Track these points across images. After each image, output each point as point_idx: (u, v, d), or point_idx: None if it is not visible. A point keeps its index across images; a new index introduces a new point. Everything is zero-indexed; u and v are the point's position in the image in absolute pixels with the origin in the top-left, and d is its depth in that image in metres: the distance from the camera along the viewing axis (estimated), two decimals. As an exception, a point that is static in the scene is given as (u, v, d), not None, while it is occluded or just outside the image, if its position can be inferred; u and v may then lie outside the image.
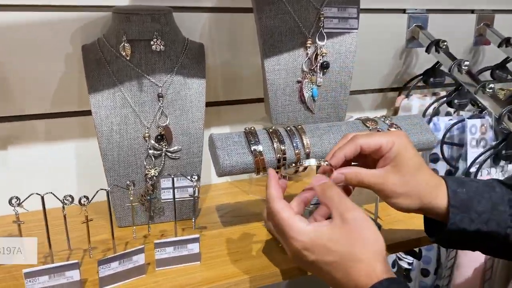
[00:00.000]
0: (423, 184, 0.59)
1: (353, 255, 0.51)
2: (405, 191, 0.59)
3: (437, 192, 0.60)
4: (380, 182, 0.59)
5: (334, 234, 0.52)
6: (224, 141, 0.71)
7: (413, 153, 0.60)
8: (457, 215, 0.58)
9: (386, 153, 0.60)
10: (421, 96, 1.20)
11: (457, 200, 0.59)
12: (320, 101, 0.89)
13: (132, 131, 0.81)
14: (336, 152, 0.62)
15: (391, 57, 1.22)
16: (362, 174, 0.60)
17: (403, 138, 0.61)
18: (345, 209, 0.53)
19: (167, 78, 0.82)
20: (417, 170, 0.60)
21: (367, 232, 0.52)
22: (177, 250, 0.69)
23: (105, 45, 0.82)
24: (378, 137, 0.61)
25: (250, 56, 1.03)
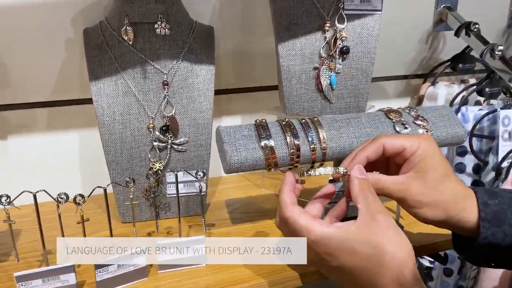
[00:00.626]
0: (449, 194, 0.53)
1: (381, 260, 0.46)
2: (429, 201, 0.53)
3: (466, 204, 0.54)
4: (402, 190, 0.53)
5: (361, 233, 0.47)
6: (232, 135, 0.65)
7: (440, 159, 0.54)
8: (488, 229, 0.52)
9: (410, 157, 0.54)
10: (448, 84, 1.12)
11: (489, 213, 0.53)
12: (338, 89, 0.82)
13: (136, 122, 0.76)
14: (358, 153, 0.56)
15: (417, 41, 1.13)
16: (382, 180, 0.54)
17: (430, 142, 0.55)
18: (377, 210, 0.49)
19: (173, 65, 0.76)
20: (444, 178, 0.53)
21: (396, 237, 0.47)
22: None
23: (107, 29, 0.76)
24: (403, 138, 0.56)
25: (264, 40, 0.96)
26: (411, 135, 0.58)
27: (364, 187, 0.51)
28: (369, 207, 0.49)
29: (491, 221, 0.52)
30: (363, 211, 0.49)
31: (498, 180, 0.93)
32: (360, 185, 0.51)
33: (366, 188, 0.51)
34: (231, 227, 0.78)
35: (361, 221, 0.48)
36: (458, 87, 1.10)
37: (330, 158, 0.68)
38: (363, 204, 0.49)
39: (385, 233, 0.47)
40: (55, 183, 0.90)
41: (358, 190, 0.51)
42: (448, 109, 0.77)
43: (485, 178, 0.99)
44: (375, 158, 0.56)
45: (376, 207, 0.49)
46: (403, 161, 0.55)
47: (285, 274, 0.63)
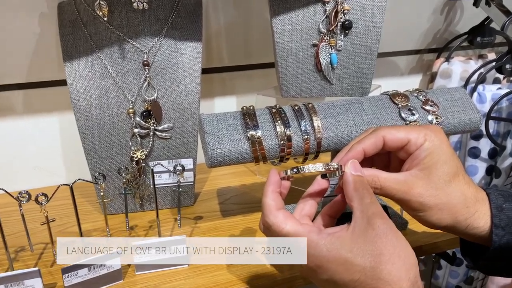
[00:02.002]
0: (458, 197, 0.46)
1: (378, 272, 0.39)
2: (435, 203, 0.46)
3: (476, 208, 0.47)
4: (404, 190, 0.46)
5: (356, 241, 0.40)
6: (215, 124, 0.58)
7: (449, 154, 0.46)
8: (502, 238, 0.45)
9: (415, 151, 0.47)
10: (464, 59, 1.02)
11: (503, 218, 0.46)
12: (340, 69, 0.74)
13: (114, 106, 0.69)
14: (354, 145, 0.48)
15: (430, 12, 1.03)
16: (382, 178, 0.46)
17: (438, 134, 0.47)
18: (374, 214, 0.41)
19: (154, 42, 0.69)
20: (453, 177, 0.46)
21: (396, 244, 0.40)
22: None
23: (81, 3, 0.69)
24: (407, 129, 0.47)
25: (260, 12, 0.87)
26: (416, 126, 0.50)
27: (360, 186, 0.44)
28: (365, 210, 0.42)
29: (505, 228, 0.46)
30: (358, 214, 0.42)
31: (516, 167, 0.85)
32: (354, 184, 0.44)
33: (362, 187, 0.44)
34: (220, 220, 0.72)
35: (355, 227, 0.41)
36: (475, 63, 1.00)
37: (326, 149, 0.61)
38: (358, 206, 0.43)
39: (383, 241, 0.40)
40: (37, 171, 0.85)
41: (352, 189, 0.44)
42: (461, 91, 0.68)
43: (501, 164, 0.91)
44: (374, 152, 0.49)
45: (373, 209, 0.42)
46: (407, 156, 0.48)
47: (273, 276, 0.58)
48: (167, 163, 0.68)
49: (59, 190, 0.58)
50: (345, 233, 0.41)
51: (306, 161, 0.62)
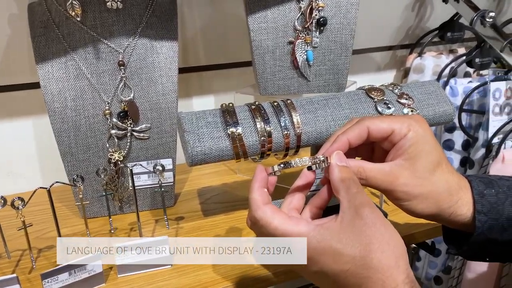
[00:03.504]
0: (442, 185, 0.47)
1: (368, 261, 0.39)
2: (420, 192, 0.46)
3: (460, 195, 0.47)
4: (390, 181, 0.46)
5: (344, 231, 0.40)
6: (194, 122, 0.58)
7: (433, 143, 0.47)
8: (485, 223, 0.46)
9: (399, 141, 0.47)
10: (436, 54, 1.05)
11: (485, 204, 0.47)
12: (316, 65, 0.75)
13: (90, 108, 0.68)
14: (338, 136, 0.48)
15: (402, 8, 1.05)
16: (367, 169, 0.47)
17: (421, 123, 0.48)
18: (361, 203, 0.41)
19: (129, 42, 0.68)
20: (437, 166, 0.47)
21: (385, 233, 0.40)
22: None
23: (52, 3, 0.67)
24: (390, 120, 0.48)
25: (236, 11, 0.87)
26: (400, 116, 0.50)
27: (346, 176, 0.44)
28: (352, 200, 0.42)
29: (487, 214, 0.47)
30: (345, 204, 0.42)
31: (488, 158, 0.88)
32: (340, 174, 0.44)
33: (348, 177, 0.44)
34: (202, 220, 0.71)
35: (344, 217, 0.41)
36: (447, 57, 1.03)
37: (306, 144, 0.61)
38: (345, 196, 0.43)
39: (372, 230, 0.40)
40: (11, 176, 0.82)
41: (338, 180, 0.44)
42: (435, 84, 0.70)
43: (474, 155, 0.93)
44: (359, 143, 0.49)
45: (360, 199, 0.42)
46: (391, 146, 0.48)
47: (257, 274, 0.58)
48: (145, 164, 0.68)
49: (35, 195, 0.56)
50: (334, 224, 0.41)
51: (287, 156, 0.62)
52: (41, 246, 0.65)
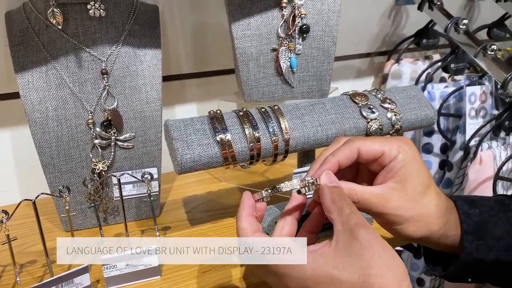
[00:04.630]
0: (432, 207, 0.46)
1: (368, 286, 0.37)
2: (411, 215, 0.45)
3: (448, 216, 0.47)
4: (381, 203, 0.45)
5: (340, 256, 0.38)
6: (183, 130, 0.57)
7: (422, 166, 0.47)
8: (472, 243, 0.46)
9: (389, 163, 0.46)
10: (412, 61, 1.07)
11: (471, 224, 0.47)
12: (300, 72, 0.76)
13: (73, 117, 0.67)
14: (328, 158, 0.46)
15: (379, 16, 1.08)
16: (358, 192, 0.45)
17: (410, 145, 0.47)
18: (356, 225, 0.39)
19: (112, 50, 0.67)
20: (426, 188, 0.46)
21: (383, 255, 0.38)
22: (131, 265, 0.57)
23: (32, 11, 0.66)
24: (380, 141, 0.47)
25: (217, 18, 0.88)
26: (388, 138, 0.49)
27: (337, 197, 0.42)
28: (346, 222, 0.39)
29: (474, 234, 0.47)
30: (339, 227, 0.39)
31: (466, 160, 0.90)
32: (331, 195, 0.42)
33: (340, 197, 0.42)
34: (189, 229, 0.71)
35: (338, 241, 0.39)
36: (423, 63, 1.06)
37: (294, 149, 0.62)
38: (338, 218, 0.40)
39: (370, 253, 0.37)
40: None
41: (330, 201, 0.41)
42: (416, 89, 0.72)
43: (453, 158, 0.96)
44: (348, 164, 0.47)
45: (355, 220, 0.39)
46: (379, 168, 0.47)
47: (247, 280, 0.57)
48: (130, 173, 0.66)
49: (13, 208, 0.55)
50: (328, 249, 0.39)
51: (275, 162, 0.63)
52: (23, 261, 0.62)
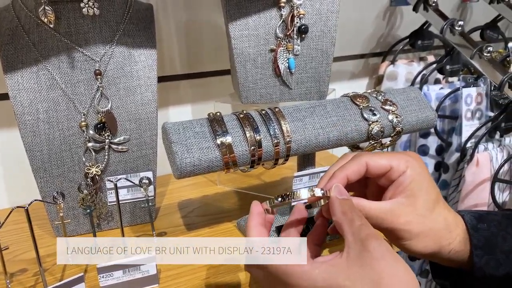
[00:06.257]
0: (441, 222, 0.46)
1: None
2: (421, 230, 0.45)
3: (457, 231, 0.47)
4: (391, 219, 0.44)
5: (352, 267, 0.37)
6: (182, 133, 0.55)
7: (430, 180, 0.46)
8: (482, 258, 0.46)
9: (398, 178, 0.46)
10: (407, 62, 1.07)
11: (480, 239, 0.46)
12: (298, 73, 0.74)
13: (65, 120, 0.64)
14: (336, 172, 0.46)
15: (374, 17, 1.07)
16: (367, 207, 0.44)
17: (418, 160, 0.47)
18: (367, 236, 0.39)
19: (105, 50, 0.65)
20: (436, 203, 0.46)
21: (395, 266, 0.37)
22: (127, 273, 0.54)
23: (22, 9, 0.63)
24: (388, 156, 0.46)
25: (213, 17, 0.86)
26: (397, 153, 0.49)
27: (348, 209, 0.41)
28: (356, 233, 0.39)
29: (483, 248, 0.46)
30: (350, 239, 0.39)
31: (463, 162, 0.90)
32: (342, 207, 0.41)
33: (350, 209, 0.41)
34: (185, 234, 0.69)
35: (350, 252, 0.39)
36: (418, 65, 1.06)
37: (295, 152, 0.60)
38: (349, 230, 0.40)
39: (382, 264, 0.37)
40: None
41: (340, 213, 0.41)
42: (416, 91, 0.71)
43: (449, 160, 0.96)
44: (356, 179, 0.47)
45: (366, 231, 0.39)
46: (387, 183, 0.47)
47: None
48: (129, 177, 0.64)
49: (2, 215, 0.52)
50: (340, 260, 0.38)
51: (276, 166, 0.61)
52: (14, 269, 0.60)
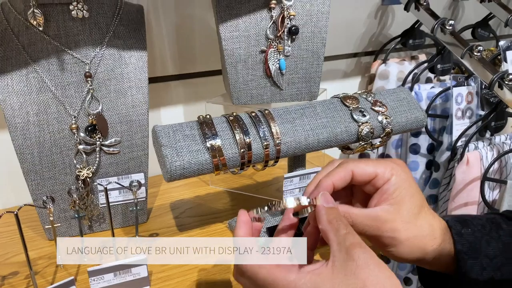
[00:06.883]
0: (426, 228, 0.46)
1: None
2: (406, 237, 0.45)
3: (442, 236, 0.47)
4: (377, 226, 0.45)
5: (337, 276, 0.38)
6: (172, 136, 0.55)
7: (415, 188, 0.47)
8: (466, 262, 0.46)
9: (383, 185, 0.46)
10: (399, 61, 1.07)
11: (464, 243, 0.46)
12: (289, 74, 0.74)
13: (55, 122, 0.64)
14: (322, 180, 0.46)
15: (365, 16, 1.07)
16: (353, 214, 0.45)
17: (403, 168, 0.47)
18: (352, 245, 0.39)
19: (95, 53, 0.65)
20: (421, 209, 0.46)
21: (379, 274, 0.37)
22: (118, 276, 0.55)
23: (11, 12, 0.63)
24: (373, 164, 0.47)
25: (203, 18, 0.86)
26: (382, 160, 0.49)
27: (333, 217, 0.41)
28: (342, 242, 0.39)
29: (467, 253, 0.46)
30: (335, 247, 0.39)
31: (453, 160, 0.91)
32: (328, 216, 0.41)
33: (336, 218, 0.41)
34: (178, 235, 0.69)
35: (335, 261, 0.39)
36: (409, 64, 1.06)
37: (285, 154, 0.61)
38: (335, 239, 0.40)
39: (365, 272, 0.37)
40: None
41: (326, 222, 0.41)
42: (405, 91, 0.71)
43: (439, 158, 0.96)
44: (342, 186, 0.47)
45: (351, 240, 0.39)
46: (374, 190, 0.47)
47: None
48: (116, 180, 0.65)
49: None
50: (325, 269, 0.39)
51: (266, 167, 0.61)
52: (5, 272, 0.60)
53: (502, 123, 0.91)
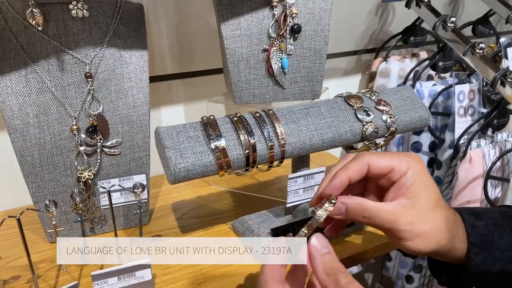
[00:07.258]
0: (442, 222, 0.46)
1: None
2: (422, 231, 0.45)
3: (456, 229, 0.47)
4: (394, 220, 0.44)
5: None
6: (175, 138, 0.55)
7: (430, 181, 0.46)
8: (478, 255, 0.46)
9: (399, 179, 0.46)
10: (400, 58, 1.07)
11: (477, 236, 0.47)
12: (291, 73, 0.74)
13: (55, 124, 0.63)
14: (338, 172, 0.46)
15: (366, 13, 1.06)
16: (370, 208, 0.44)
17: (419, 161, 0.47)
18: None
19: (96, 52, 0.64)
20: (436, 203, 0.46)
21: None
22: (122, 280, 0.54)
23: (9, 11, 0.62)
24: (389, 157, 0.46)
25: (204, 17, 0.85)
26: (397, 153, 0.48)
27: (330, 268, 0.39)
28: None
29: (480, 245, 0.47)
30: None
31: (456, 158, 0.91)
32: (324, 267, 0.39)
33: (333, 269, 0.39)
34: (180, 237, 0.68)
35: None
36: (410, 61, 1.05)
37: (290, 155, 0.60)
38: None
39: None
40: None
41: (323, 274, 0.39)
42: (409, 90, 0.71)
43: (441, 156, 0.96)
44: (358, 179, 0.46)
45: None
46: (389, 184, 0.47)
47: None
48: (117, 181, 0.64)
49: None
50: None
51: (271, 168, 0.61)
52: (7, 276, 0.59)
53: (504, 121, 0.90)
